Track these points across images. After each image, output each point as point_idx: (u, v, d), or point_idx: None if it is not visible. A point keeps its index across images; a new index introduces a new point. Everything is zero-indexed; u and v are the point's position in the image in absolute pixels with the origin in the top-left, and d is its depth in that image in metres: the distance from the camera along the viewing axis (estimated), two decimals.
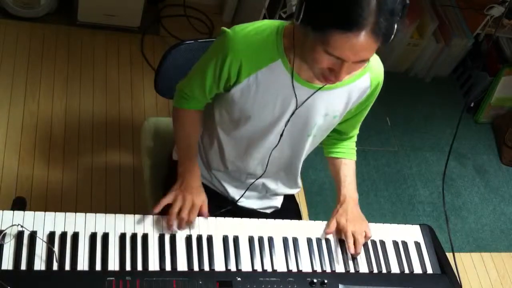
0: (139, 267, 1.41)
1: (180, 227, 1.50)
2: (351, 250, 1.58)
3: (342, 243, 1.62)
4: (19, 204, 2.29)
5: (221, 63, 1.45)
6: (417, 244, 1.68)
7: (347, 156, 1.74)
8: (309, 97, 1.48)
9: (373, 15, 1.19)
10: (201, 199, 1.56)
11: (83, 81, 2.82)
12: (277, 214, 1.82)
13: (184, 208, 1.51)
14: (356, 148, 1.78)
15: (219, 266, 1.47)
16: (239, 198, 1.77)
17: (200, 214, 1.55)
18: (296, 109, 1.50)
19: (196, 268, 1.45)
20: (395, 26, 1.24)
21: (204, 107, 1.66)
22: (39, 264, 1.35)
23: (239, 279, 1.45)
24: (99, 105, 2.76)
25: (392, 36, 1.26)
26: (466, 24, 3.35)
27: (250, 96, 1.49)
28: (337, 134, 1.71)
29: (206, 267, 1.46)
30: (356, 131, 1.75)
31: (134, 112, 2.79)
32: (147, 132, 2.04)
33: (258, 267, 1.50)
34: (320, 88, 1.47)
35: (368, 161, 3.08)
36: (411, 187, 3.06)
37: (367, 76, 1.52)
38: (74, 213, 1.45)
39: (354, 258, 1.59)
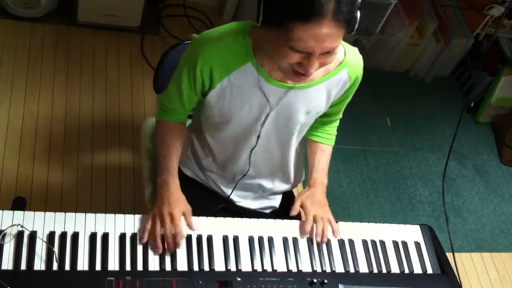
0: (139, 267, 1.41)
1: (168, 245, 1.45)
2: (308, 231, 1.57)
3: (342, 243, 1.62)
4: (19, 204, 2.29)
5: (193, 70, 1.45)
6: (417, 244, 1.68)
7: (325, 142, 1.76)
8: (281, 99, 1.48)
9: (332, 1, 1.18)
10: (180, 210, 1.51)
11: (83, 81, 2.82)
12: (277, 214, 1.82)
13: (164, 225, 1.47)
14: (336, 134, 1.78)
15: (219, 266, 1.47)
16: (230, 194, 1.77)
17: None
18: (270, 110, 1.50)
19: (196, 268, 1.45)
20: (357, 13, 1.23)
21: (185, 119, 1.66)
22: (39, 264, 1.35)
23: (239, 279, 1.45)
24: (99, 105, 2.76)
25: (356, 25, 1.24)
26: (466, 24, 3.35)
27: (226, 99, 1.49)
28: (319, 118, 1.71)
29: (206, 267, 1.46)
30: (338, 116, 1.75)
31: (134, 112, 2.79)
32: (146, 132, 2.04)
33: (258, 267, 1.50)
34: (292, 87, 1.46)
35: (368, 161, 3.08)
36: (411, 187, 3.06)
37: (345, 71, 1.51)
38: (74, 213, 1.45)
39: (354, 258, 1.59)
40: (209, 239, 1.51)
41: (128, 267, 1.40)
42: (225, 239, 1.53)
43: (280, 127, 1.57)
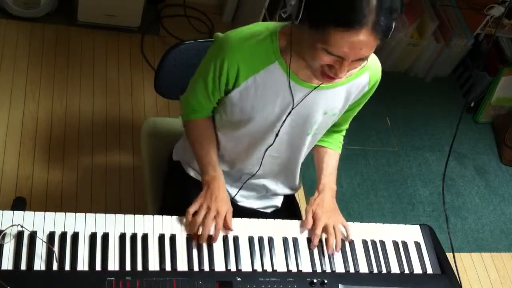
0: (139, 267, 1.41)
1: (203, 236, 1.48)
2: (330, 247, 1.57)
3: (342, 243, 1.62)
4: (19, 204, 2.29)
5: (219, 69, 1.46)
6: (417, 244, 1.68)
7: (332, 147, 1.76)
8: (305, 96, 1.49)
9: (373, 13, 1.20)
10: (226, 208, 1.54)
11: (83, 81, 2.82)
12: (277, 214, 1.82)
13: (208, 216, 1.50)
14: (343, 142, 1.79)
15: (219, 266, 1.47)
16: (235, 195, 1.77)
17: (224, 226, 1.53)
18: (292, 109, 1.51)
19: (196, 268, 1.45)
20: (394, 23, 1.25)
21: (211, 112, 1.66)
22: (39, 264, 1.35)
23: (239, 279, 1.45)
24: (99, 105, 2.76)
25: (391, 33, 1.26)
26: (466, 24, 3.35)
27: (249, 98, 1.50)
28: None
29: (206, 267, 1.46)
30: (346, 126, 1.77)
31: (134, 112, 2.80)
32: (147, 132, 2.04)
33: (258, 267, 1.50)
34: (316, 87, 1.48)
35: (368, 161, 3.08)
36: (411, 187, 3.06)
37: (366, 75, 1.53)
38: (74, 213, 1.45)
39: (354, 258, 1.59)
40: (209, 239, 1.51)
41: (128, 267, 1.40)
42: (225, 239, 1.52)
43: (296, 126, 1.57)
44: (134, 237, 1.46)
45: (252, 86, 1.47)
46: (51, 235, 1.40)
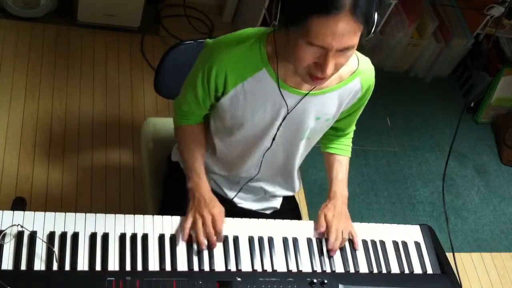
0: (139, 267, 1.41)
1: (211, 242, 1.49)
2: (330, 245, 1.58)
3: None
4: (19, 204, 2.29)
5: (207, 76, 1.46)
6: (417, 244, 1.69)
7: (341, 153, 1.76)
8: (298, 102, 1.49)
9: None
10: (219, 209, 1.55)
11: (83, 81, 2.82)
12: (277, 214, 1.82)
13: (206, 223, 1.50)
14: (351, 145, 1.79)
15: (219, 266, 1.48)
16: (234, 197, 1.78)
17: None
18: (287, 114, 1.51)
19: (196, 268, 1.45)
20: (375, 13, 1.24)
21: (203, 119, 1.66)
22: (39, 264, 1.35)
23: (239, 279, 1.45)
24: (99, 105, 2.76)
25: (374, 23, 1.25)
26: (466, 24, 3.35)
27: (239, 104, 1.50)
28: (333, 131, 1.72)
29: (206, 267, 1.46)
30: (352, 128, 1.77)
31: (134, 112, 2.80)
32: (146, 132, 2.04)
33: (258, 267, 1.50)
34: (307, 93, 1.47)
35: (368, 161, 3.08)
36: (411, 187, 3.06)
37: (357, 80, 1.52)
38: (74, 213, 1.45)
39: (354, 258, 1.60)
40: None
41: (128, 267, 1.40)
42: (225, 239, 1.53)
43: (289, 131, 1.57)
44: (134, 237, 1.46)
45: (241, 93, 1.47)
46: (51, 235, 1.40)
